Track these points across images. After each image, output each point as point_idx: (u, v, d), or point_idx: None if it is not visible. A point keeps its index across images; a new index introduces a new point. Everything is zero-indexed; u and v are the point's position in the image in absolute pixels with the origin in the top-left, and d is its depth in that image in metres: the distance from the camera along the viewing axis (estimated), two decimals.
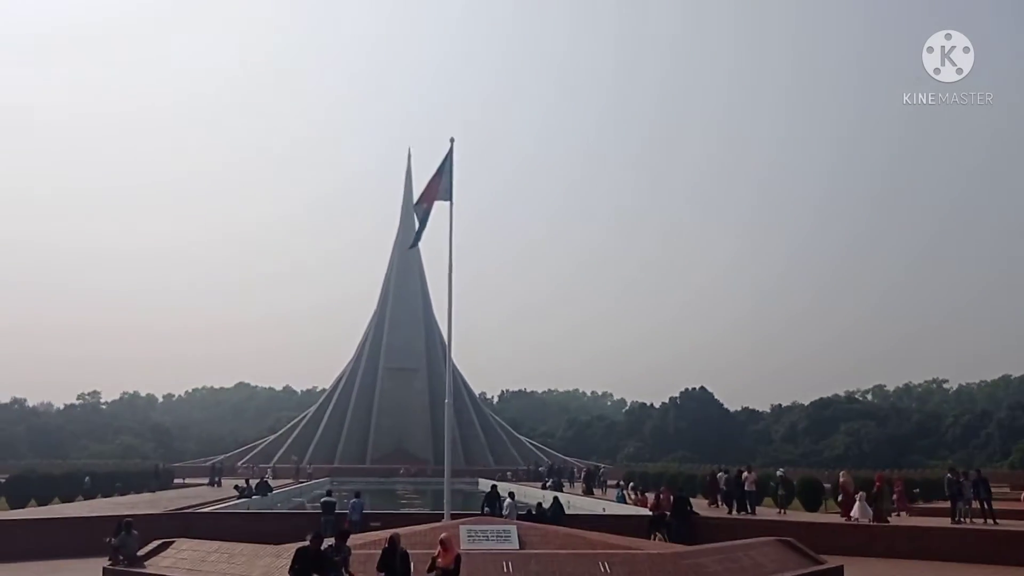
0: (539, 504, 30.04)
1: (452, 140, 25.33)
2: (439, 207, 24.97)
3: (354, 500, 28.24)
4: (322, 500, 29.60)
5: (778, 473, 41.63)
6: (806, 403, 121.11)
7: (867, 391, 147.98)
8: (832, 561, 17.75)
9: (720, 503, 33.83)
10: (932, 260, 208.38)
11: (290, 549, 14.97)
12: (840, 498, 29.30)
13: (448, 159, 25.04)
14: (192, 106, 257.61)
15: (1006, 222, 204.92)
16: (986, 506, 26.10)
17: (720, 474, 35.19)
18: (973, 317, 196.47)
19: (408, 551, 13.11)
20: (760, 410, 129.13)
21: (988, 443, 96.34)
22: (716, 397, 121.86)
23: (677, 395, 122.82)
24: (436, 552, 12.96)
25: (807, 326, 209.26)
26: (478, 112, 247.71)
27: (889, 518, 27.39)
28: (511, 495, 29.02)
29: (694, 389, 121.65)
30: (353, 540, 14.64)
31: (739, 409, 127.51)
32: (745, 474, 32.92)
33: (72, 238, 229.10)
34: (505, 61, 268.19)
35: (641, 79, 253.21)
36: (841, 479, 30.42)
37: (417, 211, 25.03)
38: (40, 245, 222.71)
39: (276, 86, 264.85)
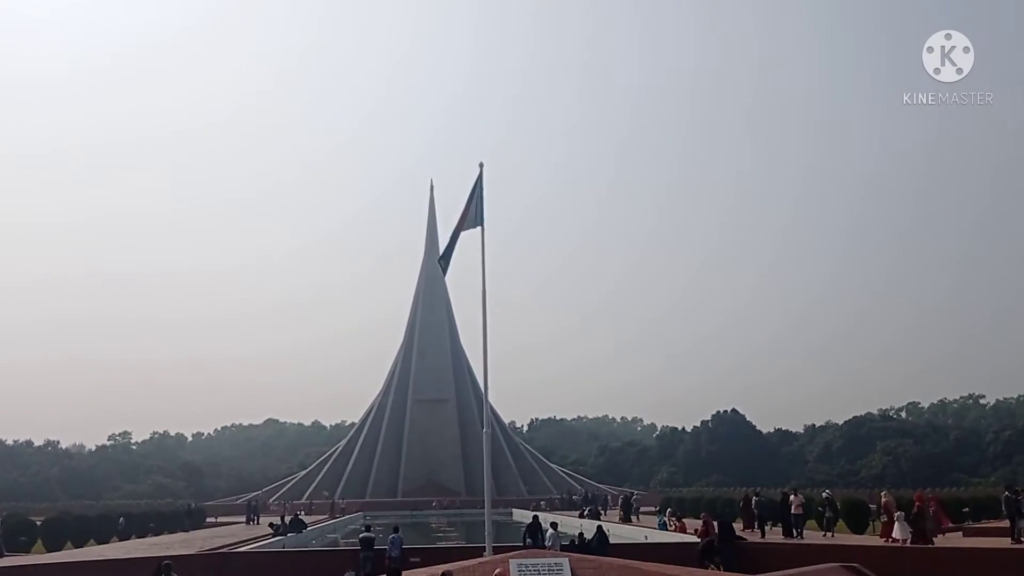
0: (580, 534, 29.36)
1: (481, 165, 25.05)
2: (469, 233, 24.66)
3: (393, 536, 27.69)
4: (360, 536, 29.05)
5: (824, 495, 40.70)
6: (840, 422, 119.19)
7: (901, 408, 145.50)
8: None
9: (755, 527, 33.07)
10: (964, 273, 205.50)
11: None
12: (883, 519, 28.49)
13: (478, 184, 24.73)
14: (207, 133, 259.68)
15: None
16: None
17: (754, 498, 34.50)
18: (1007, 330, 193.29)
19: None
20: (794, 431, 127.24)
21: None
22: (748, 419, 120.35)
23: (708, 418, 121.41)
24: None
25: (839, 345, 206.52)
26: (503, 139, 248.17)
27: (934, 539, 26.61)
28: (553, 525, 28.37)
29: (726, 412, 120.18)
30: None
31: (772, 430, 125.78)
32: (791, 497, 32.23)
33: (85, 269, 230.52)
34: (528, 87, 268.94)
35: (666, 100, 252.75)
36: (883, 499, 29.81)
37: (453, 238, 24.73)
38: (53, 278, 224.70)
39: (297, 114, 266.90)
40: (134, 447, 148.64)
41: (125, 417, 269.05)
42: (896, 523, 27.00)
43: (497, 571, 12.84)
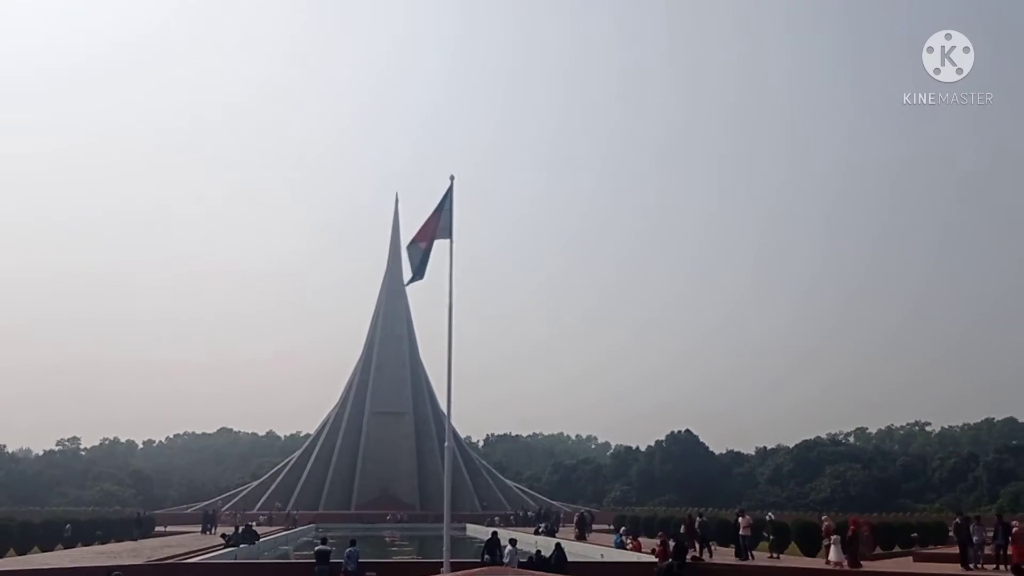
0: (538, 552, 29.40)
1: (452, 178, 25.13)
2: (439, 245, 24.69)
3: (349, 549, 27.56)
4: (316, 548, 28.83)
5: (767, 517, 41.34)
6: (791, 445, 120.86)
7: (849, 433, 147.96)
8: None
9: (696, 547, 33.28)
10: (914, 309, 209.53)
11: None
12: (825, 543, 29.20)
13: (448, 197, 24.82)
14: (169, 137, 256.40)
15: (983, 267, 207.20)
16: (1001, 552, 25.70)
17: (698, 518, 34.79)
18: (953, 361, 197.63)
19: None
20: (746, 452, 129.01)
21: (976, 486, 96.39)
22: (702, 440, 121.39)
23: (663, 438, 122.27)
24: None
25: (793, 373, 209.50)
26: (469, 160, 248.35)
27: (863, 562, 27.38)
28: (512, 542, 28.42)
29: (680, 432, 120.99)
30: None
31: (724, 452, 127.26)
32: (739, 519, 32.61)
33: (34, 270, 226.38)
34: (499, 104, 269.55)
35: (644, 109, 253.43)
36: (824, 523, 30.49)
37: (411, 250, 24.57)
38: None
39: (260, 126, 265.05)
40: (83, 453, 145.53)
41: (74, 423, 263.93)
42: (832, 546, 27.74)
43: None
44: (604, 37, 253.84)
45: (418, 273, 24.00)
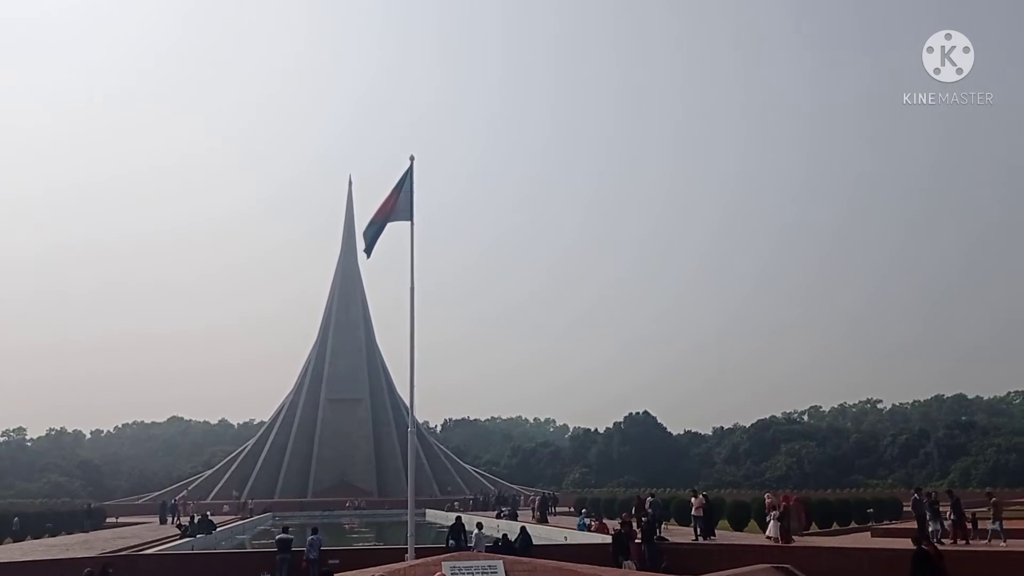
0: (504, 536, 29.09)
1: (412, 158, 24.31)
2: (391, 228, 24.02)
3: (312, 537, 26.95)
4: (277, 537, 28.18)
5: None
6: (747, 424, 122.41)
7: (803, 412, 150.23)
8: None
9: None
10: (871, 291, 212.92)
11: None
12: (768, 519, 29.87)
13: (408, 177, 24.09)
14: (120, 102, 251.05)
15: (938, 251, 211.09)
16: (960, 527, 26.05)
17: (648, 498, 34.81)
18: (904, 338, 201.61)
19: None
20: (703, 433, 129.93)
21: (927, 462, 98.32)
22: (660, 421, 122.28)
23: (621, 420, 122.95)
24: None
25: (751, 355, 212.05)
26: (424, 132, 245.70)
27: (795, 537, 28.41)
28: (478, 526, 28.00)
29: (638, 414, 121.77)
30: None
31: (682, 432, 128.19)
32: (692, 499, 32.75)
33: None
34: (453, 76, 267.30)
35: (598, 80, 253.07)
36: (767, 500, 31.52)
37: (367, 232, 23.89)
38: None
39: (215, 87, 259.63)
40: (29, 444, 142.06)
41: (19, 413, 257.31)
42: (771, 522, 28.80)
43: (438, 574, 12.46)
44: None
45: (367, 250, 23.32)
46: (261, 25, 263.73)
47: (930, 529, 25.43)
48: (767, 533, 29.07)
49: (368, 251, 23.60)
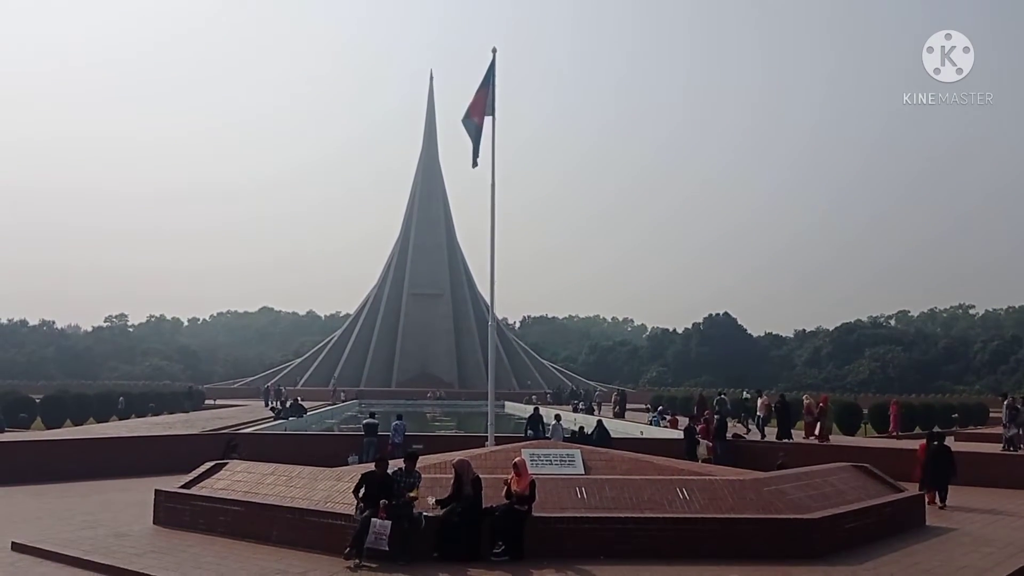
0: (581, 428, 29.75)
1: (494, 51, 23.62)
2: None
3: (396, 423, 28.05)
4: (364, 422, 29.40)
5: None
6: (831, 328, 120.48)
7: (891, 316, 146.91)
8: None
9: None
10: (964, 195, 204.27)
11: (350, 472, 14.63)
12: (807, 419, 29.65)
13: (491, 71, 23.65)
14: (209, 54, 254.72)
15: None
16: None
17: (717, 398, 34.87)
18: (1001, 244, 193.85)
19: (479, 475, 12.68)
20: (784, 335, 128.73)
21: (1017, 369, 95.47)
22: (740, 323, 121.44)
23: (700, 321, 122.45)
24: (509, 477, 12.52)
25: (838, 259, 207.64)
26: (505, 33, 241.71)
27: (825, 438, 28.08)
28: (557, 417, 28.66)
29: (717, 315, 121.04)
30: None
31: (763, 334, 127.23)
32: (759, 399, 32.69)
33: (102, 178, 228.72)
34: None
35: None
36: (806, 401, 31.10)
37: (467, 125, 23.37)
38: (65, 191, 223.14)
39: (292, 24, 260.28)
40: (130, 330, 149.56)
41: (120, 300, 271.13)
42: (810, 422, 28.98)
43: (517, 460, 12.88)
44: None
45: (474, 160, 22.87)
46: None
47: (1008, 434, 24.81)
48: (812, 433, 28.64)
49: (475, 161, 23.08)
